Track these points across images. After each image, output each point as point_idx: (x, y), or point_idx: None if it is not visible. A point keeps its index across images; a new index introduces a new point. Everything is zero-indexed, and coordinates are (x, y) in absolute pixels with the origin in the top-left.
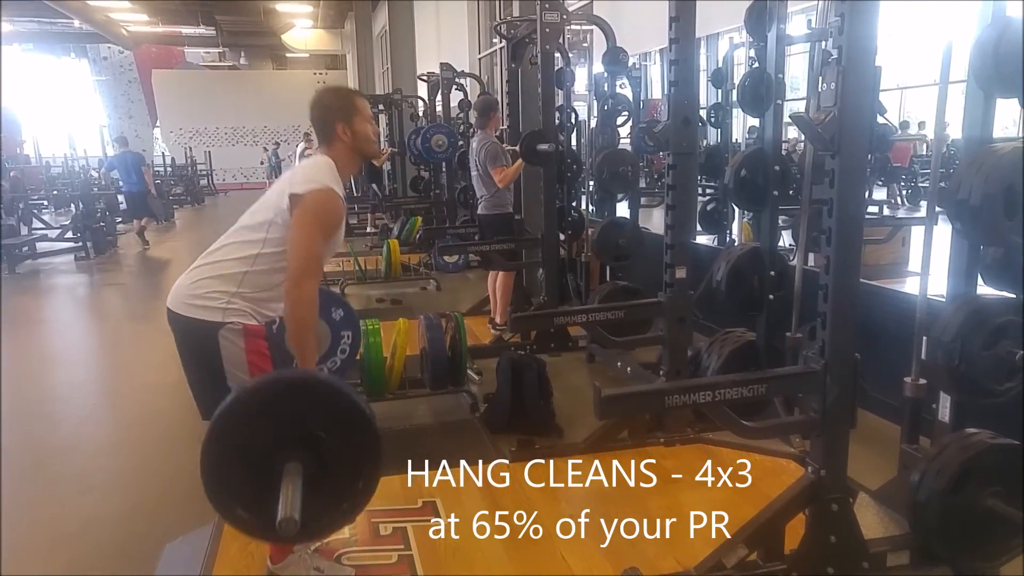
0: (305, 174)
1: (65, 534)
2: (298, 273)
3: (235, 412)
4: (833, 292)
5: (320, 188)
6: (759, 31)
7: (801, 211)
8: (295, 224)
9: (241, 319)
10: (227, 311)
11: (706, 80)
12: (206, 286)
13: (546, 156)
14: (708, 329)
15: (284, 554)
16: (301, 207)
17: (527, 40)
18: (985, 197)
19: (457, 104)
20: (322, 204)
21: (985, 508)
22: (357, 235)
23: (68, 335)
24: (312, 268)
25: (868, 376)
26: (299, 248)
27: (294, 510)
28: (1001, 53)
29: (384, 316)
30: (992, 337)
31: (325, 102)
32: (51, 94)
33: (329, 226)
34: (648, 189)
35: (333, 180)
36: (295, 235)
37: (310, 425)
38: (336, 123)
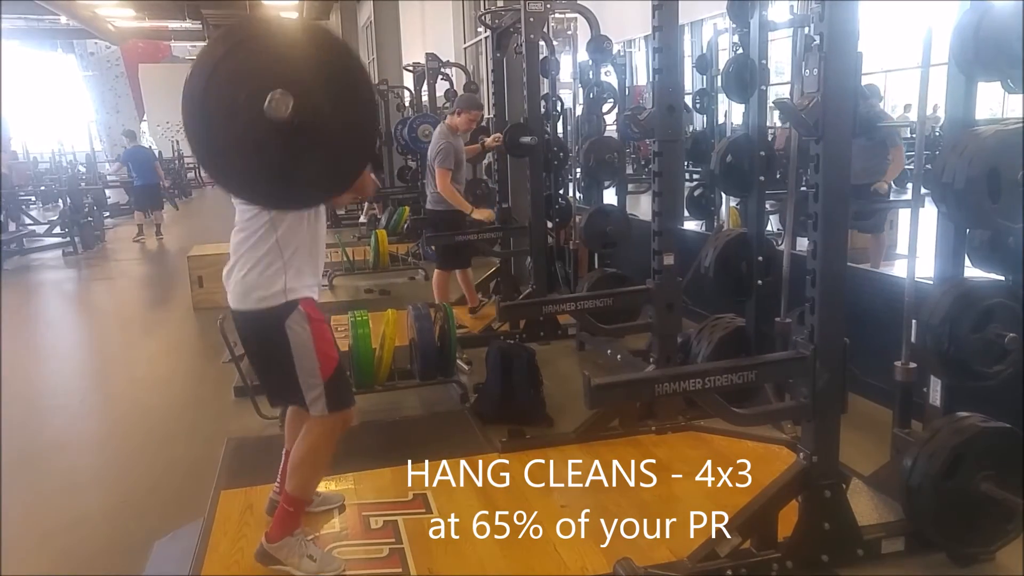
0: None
1: (53, 531)
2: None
3: (230, 60)
4: (821, 277)
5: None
6: (742, 17)
7: (788, 196)
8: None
9: (300, 294)
10: (287, 290)
11: (691, 66)
12: (258, 273)
13: (529, 148)
14: (697, 315)
15: (282, 535)
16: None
17: (512, 29)
18: (969, 180)
19: (443, 94)
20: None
21: (978, 492)
22: (345, 226)
23: (56, 331)
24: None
25: (858, 360)
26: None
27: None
28: (981, 37)
29: (372, 307)
30: (981, 320)
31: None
32: (39, 89)
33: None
34: (635, 176)
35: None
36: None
37: (308, 77)
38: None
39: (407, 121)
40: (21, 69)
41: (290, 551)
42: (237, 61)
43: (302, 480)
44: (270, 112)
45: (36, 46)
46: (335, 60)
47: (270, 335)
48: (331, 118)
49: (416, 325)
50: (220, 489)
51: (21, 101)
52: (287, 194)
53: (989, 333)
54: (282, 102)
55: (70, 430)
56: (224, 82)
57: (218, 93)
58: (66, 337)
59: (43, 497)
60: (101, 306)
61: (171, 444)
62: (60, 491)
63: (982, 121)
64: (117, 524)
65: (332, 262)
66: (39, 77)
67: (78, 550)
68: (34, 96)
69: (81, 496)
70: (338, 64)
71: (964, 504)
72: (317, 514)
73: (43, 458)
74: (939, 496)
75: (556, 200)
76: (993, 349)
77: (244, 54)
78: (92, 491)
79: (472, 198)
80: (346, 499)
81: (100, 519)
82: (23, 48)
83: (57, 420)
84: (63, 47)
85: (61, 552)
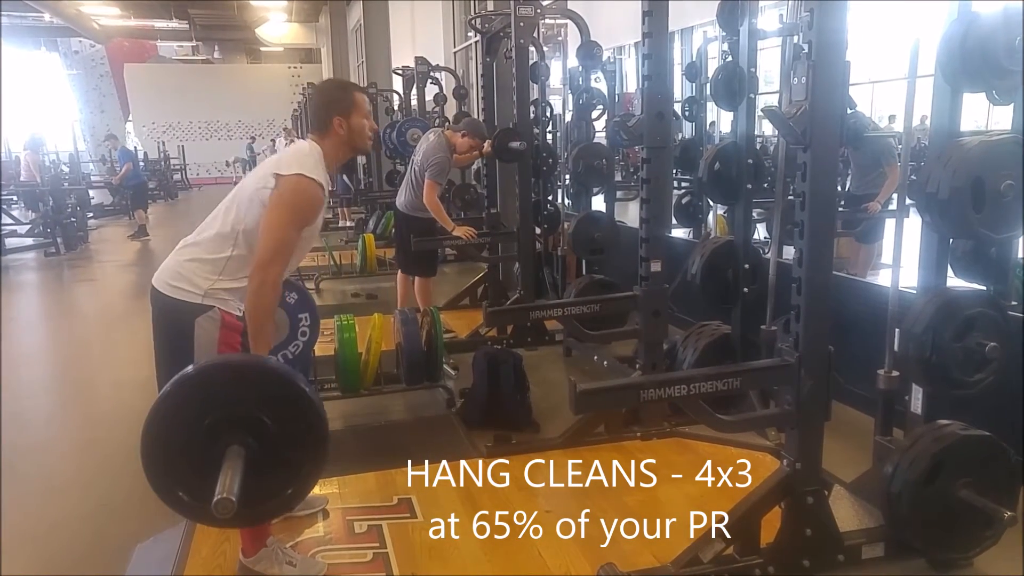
0: (293, 158)
1: (33, 535)
2: (267, 256)
3: (179, 393)
4: (806, 285)
5: (304, 175)
6: (732, 26)
7: (775, 204)
8: (272, 207)
9: (221, 306)
10: (208, 294)
11: (680, 74)
12: (191, 268)
13: (518, 153)
14: (684, 322)
15: (257, 548)
16: (280, 190)
17: (502, 34)
18: (953, 191)
19: (432, 98)
20: (302, 192)
21: (958, 499)
22: (332, 229)
23: (37, 332)
24: (281, 254)
25: (842, 368)
26: (271, 232)
27: (231, 492)
28: (967, 49)
29: (359, 311)
30: (963, 329)
31: (327, 94)
32: (22, 88)
33: (305, 216)
34: (624, 183)
35: (319, 170)
36: (270, 218)
37: (255, 410)
38: (334, 116)
39: (396, 125)
40: (4, 67)
41: (269, 561)
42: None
43: None
44: (215, 512)
45: (19, 44)
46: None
47: (180, 325)
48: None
49: (403, 329)
50: None
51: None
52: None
53: (970, 342)
54: (227, 506)
55: (50, 433)
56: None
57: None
58: (47, 339)
59: (23, 500)
60: (83, 307)
61: None
62: (40, 494)
63: (967, 133)
64: (98, 527)
65: (319, 265)
66: (22, 75)
67: (58, 553)
68: (17, 94)
69: (61, 499)
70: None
71: (943, 510)
72: (300, 518)
73: (23, 461)
74: (919, 503)
75: (544, 206)
76: (974, 358)
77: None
78: (73, 494)
79: (460, 203)
80: (330, 503)
81: (80, 522)
82: (6, 46)
83: (37, 422)
84: (47, 45)
85: (41, 555)
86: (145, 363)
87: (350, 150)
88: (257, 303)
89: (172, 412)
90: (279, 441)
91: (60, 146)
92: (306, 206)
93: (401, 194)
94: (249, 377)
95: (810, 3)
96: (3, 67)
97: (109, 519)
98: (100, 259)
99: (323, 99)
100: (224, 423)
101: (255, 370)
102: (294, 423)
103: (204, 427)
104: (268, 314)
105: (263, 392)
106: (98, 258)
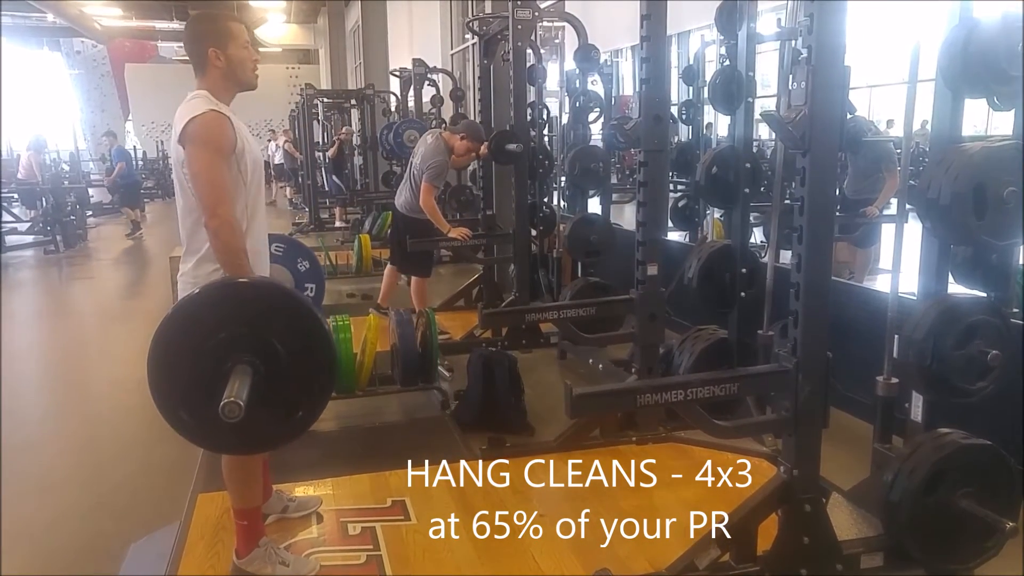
0: (182, 114)
1: (28, 533)
2: (207, 200)
3: (185, 312)
4: (804, 290)
5: (197, 115)
6: (730, 29)
7: (772, 208)
8: (189, 160)
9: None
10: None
11: (677, 77)
12: (198, 269)
13: (514, 155)
14: (680, 326)
15: (250, 548)
16: (187, 142)
17: (499, 36)
18: (954, 196)
19: (429, 100)
20: (205, 127)
21: (958, 508)
22: (327, 230)
23: (35, 330)
24: (220, 195)
25: (840, 375)
26: (201, 180)
27: (239, 396)
28: (969, 54)
29: (355, 311)
30: (964, 336)
31: (196, 28)
32: (25, 87)
33: (219, 144)
34: (620, 185)
35: (210, 103)
36: (192, 170)
37: (262, 331)
38: (208, 48)
39: (393, 126)
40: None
41: (262, 562)
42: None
43: (237, 492)
44: (223, 415)
45: (23, 43)
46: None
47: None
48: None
49: (398, 331)
50: (197, 492)
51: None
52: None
53: (972, 350)
54: (234, 408)
55: (46, 431)
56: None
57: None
58: (44, 336)
59: (18, 498)
60: (81, 305)
61: (148, 446)
62: (35, 492)
63: (967, 138)
64: (93, 526)
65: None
66: (25, 74)
67: (53, 552)
68: (19, 93)
69: (57, 497)
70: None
71: (944, 520)
72: (294, 520)
73: (18, 459)
74: (919, 512)
75: (540, 208)
76: (975, 366)
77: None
78: (68, 492)
79: (457, 204)
80: (324, 505)
81: (76, 521)
82: (8, 45)
83: (33, 420)
84: (50, 45)
85: (36, 554)
86: (140, 362)
87: (235, 84)
88: (220, 245)
89: (179, 331)
90: (289, 364)
91: (61, 145)
92: (213, 135)
93: (400, 195)
94: (254, 298)
95: (810, 6)
96: (3, 67)
97: (105, 517)
98: (98, 257)
99: (194, 33)
100: (229, 343)
101: (260, 291)
102: (300, 344)
103: (209, 347)
104: (236, 252)
105: (268, 314)
106: (96, 256)
